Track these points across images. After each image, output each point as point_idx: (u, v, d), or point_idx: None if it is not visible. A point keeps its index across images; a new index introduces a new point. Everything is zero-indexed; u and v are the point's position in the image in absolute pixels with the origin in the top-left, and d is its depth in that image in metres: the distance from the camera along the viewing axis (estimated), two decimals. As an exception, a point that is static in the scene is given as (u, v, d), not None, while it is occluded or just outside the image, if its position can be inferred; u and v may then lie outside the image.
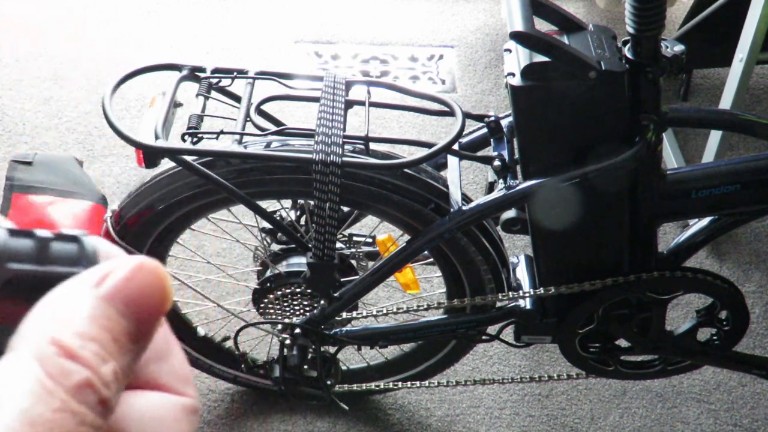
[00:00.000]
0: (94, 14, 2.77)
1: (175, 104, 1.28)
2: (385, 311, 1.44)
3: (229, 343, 1.69)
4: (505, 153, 1.30)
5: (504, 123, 1.35)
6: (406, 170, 1.30)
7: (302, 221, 1.48)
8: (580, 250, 1.35)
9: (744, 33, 1.90)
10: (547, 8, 1.18)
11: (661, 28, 1.12)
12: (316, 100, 1.28)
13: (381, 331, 1.48)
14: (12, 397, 0.27)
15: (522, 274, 1.46)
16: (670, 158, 2.27)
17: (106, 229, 1.45)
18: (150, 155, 1.25)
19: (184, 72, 1.32)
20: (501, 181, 1.27)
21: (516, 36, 1.09)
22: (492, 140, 1.36)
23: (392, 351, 1.70)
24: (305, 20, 2.80)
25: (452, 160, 1.38)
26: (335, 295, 1.37)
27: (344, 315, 1.44)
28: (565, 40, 1.16)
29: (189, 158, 1.22)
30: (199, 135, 1.24)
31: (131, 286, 0.30)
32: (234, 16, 2.81)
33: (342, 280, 1.43)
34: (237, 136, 1.24)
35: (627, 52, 1.15)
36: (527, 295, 1.41)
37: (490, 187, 1.34)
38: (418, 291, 1.50)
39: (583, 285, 1.35)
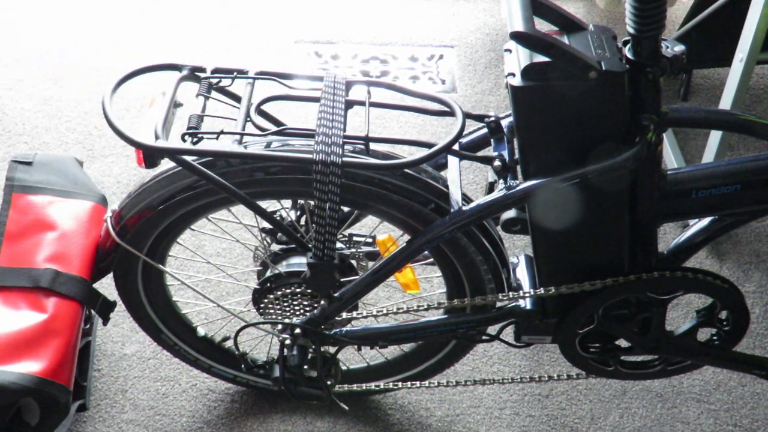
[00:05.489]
0: (94, 14, 2.77)
1: (175, 104, 1.28)
2: (385, 311, 1.44)
3: (229, 343, 1.69)
4: (505, 153, 1.30)
5: (504, 123, 1.35)
6: (406, 170, 1.30)
7: (302, 221, 1.48)
8: (580, 250, 1.35)
9: (744, 33, 1.90)
10: (547, 8, 1.18)
11: (661, 28, 1.12)
12: (316, 100, 1.28)
13: (381, 331, 1.48)
14: None
15: (522, 274, 1.46)
16: (670, 158, 2.27)
17: (106, 229, 1.45)
18: (150, 155, 1.25)
19: (184, 72, 1.32)
20: (501, 181, 1.27)
21: (516, 36, 1.09)
22: (492, 140, 1.36)
23: (392, 351, 1.70)
24: (305, 20, 2.80)
25: (452, 160, 1.38)
26: (335, 295, 1.38)
27: (344, 315, 1.44)
28: (565, 40, 1.16)
29: (189, 158, 1.22)
30: (199, 135, 1.24)
31: None
32: (234, 16, 2.81)
33: (342, 280, 1.43)
34: (237, 136, 1.24)
35: (627, 52, 1.15)
36: (527, 295, 1.41)
37: (490, 187, 1.34)
38: (418, 291, 1.50)
39: (583, 285, 1.35)
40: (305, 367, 1.46)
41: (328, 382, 1.51)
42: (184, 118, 1.28)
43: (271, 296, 1.46)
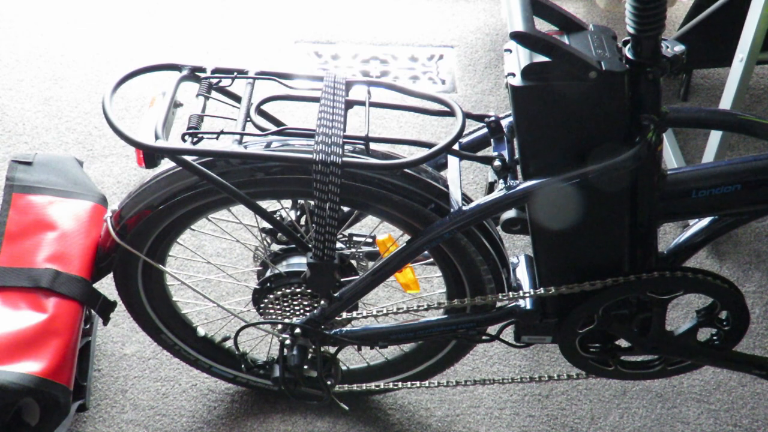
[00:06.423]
0: (95, 14, 2.78)
1: (175, 104, 1.28)
2: (385, 311, 1.44)
3: (229, 343, 1.69)
4: (505, 153, 1.30)
5: (504, 123, 1.35)
6: (406, 170, 1.30)
7: (302, 221, 1.48)
8: (580, 250, 1.35)
9: (744, 33, 1.90)
10: (547, 8, 1.18)
11: (661, 28, 1.12)
12: (316, 100, 1.28)
13: (381, 331, 1.48)
14: None
15: (522, 274, 1.46)
16: (670, 158, 2.27)
17: (106, 229, 1.45)
18: (150, 155, 1.25)
19: (184, 72, 1.32)
20: (501, 181, 1.27)
21: (516, 36, 1.09)
22: (492, 140, 1.36)
23: (392, 351, 1.70)
24: (305, 20, 2.80)
25: (452, 160, 1.38)
26: (335, 295, 1.38)
27: (344, 315, 1.44)
28: (565, 40, 1.16)
29: (189, 158, 1.22)
30: (200, 135, 1.24)
31: None
32: (234, 16, 2.81)
33: (342, 280, 1.43)
34: (237, 136, 1.24)
35: (627, 52, 1.15)
36: (527, 295, 1.41)
37: (490, 187, 1.34)
38: (418, 291, 1.50)
39: (583, 285, 1.35)
40: (305, 367, 1.46)
41: (328, 382, 1.51)
42: (184, 118, 1.28)
43: (271, 296, 1.46)
